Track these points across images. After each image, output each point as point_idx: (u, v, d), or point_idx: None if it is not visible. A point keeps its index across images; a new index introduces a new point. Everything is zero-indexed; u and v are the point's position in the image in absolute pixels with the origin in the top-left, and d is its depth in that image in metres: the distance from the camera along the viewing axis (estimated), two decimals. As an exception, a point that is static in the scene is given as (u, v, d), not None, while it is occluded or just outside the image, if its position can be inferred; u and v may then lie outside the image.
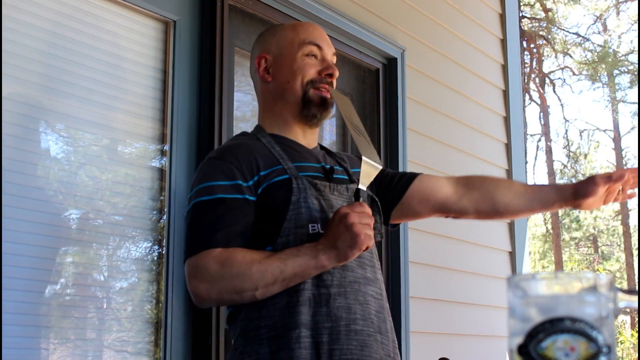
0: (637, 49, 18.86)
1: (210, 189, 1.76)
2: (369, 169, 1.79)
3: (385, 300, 1.88)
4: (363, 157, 1.78)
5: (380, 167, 1.83)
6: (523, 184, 2.16)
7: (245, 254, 1.70)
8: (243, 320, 1.76)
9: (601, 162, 21.03)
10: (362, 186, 1.77)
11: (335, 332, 1.71)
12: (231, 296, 1.73)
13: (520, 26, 13.39)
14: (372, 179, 1.81)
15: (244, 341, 1.75)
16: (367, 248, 1.71)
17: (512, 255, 4.32)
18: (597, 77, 19.86)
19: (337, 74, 1.93)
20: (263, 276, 1.68)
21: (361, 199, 1.76)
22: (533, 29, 18.91)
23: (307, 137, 1.95)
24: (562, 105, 22.07)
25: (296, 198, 1.76)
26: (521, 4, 17.74)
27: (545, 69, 19.78)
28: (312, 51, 1.93)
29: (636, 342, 13.40)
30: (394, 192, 2.04)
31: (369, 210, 1.71)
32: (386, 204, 2.03)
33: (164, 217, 2.60)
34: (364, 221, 1.68)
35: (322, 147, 2.03)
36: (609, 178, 1.97)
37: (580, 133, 20.43)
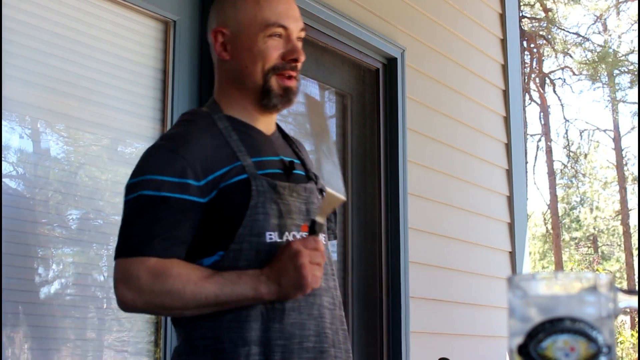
0: (637, 49, 18.86)
1: (156, 183, 1.61)
2: (331, 200, 1.63)
3: (339, 307, 1.77)
4: (327, 189, 1.62)
5: (344, 199, 1.64)
6: None
7: (181, 271, 1.58)
8: (188, 326, 1.66)
9: (601, 162, 21.04)
10: (320, 219, 1.64)
11: (288, 350, 1.62)
12: (158, 310, 1.64)
13: (520, 26, 13.39)
14: (332, 210, 1.67)
15: (188, 349, 1.65)
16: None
17: (512, 255, 4.32)
18: (597, 77, 19.86)
19: (302, 58, 1.74)
20: (195, 298, 1.57)
21: (317, 232, 1.62)
22: (533, 29, 18.91)
23: (266, 122, 1.79)
24: (562, 105, 22.06)
25: (254, 203, 1.63)
26: (521, 4, 17.74)
27: (545, 69, 19.78)
28: (276, 32, 1.73)
29: (636, 342, 13.39)
30: None
31: (322, 247, 1.61)
32: None
33: (164, 217, 2.60)
34: (315, 260, 1.58)
35: (279, 130, 1.88)
36: None
37: (580, 133, 20.43)
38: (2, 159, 2.21)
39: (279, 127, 1.88)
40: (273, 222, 1.65)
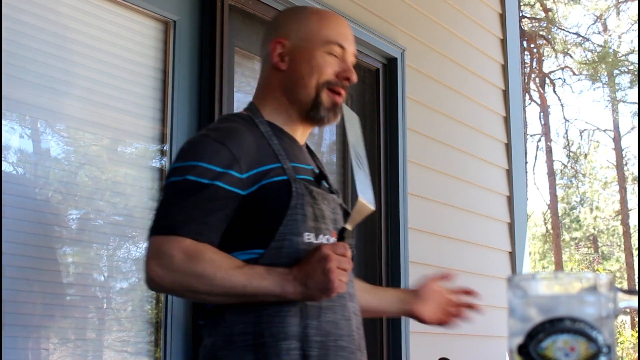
0: (637, 49, 18.86)
1: (202, 170, 1.67)
2: (362, 210, 1.69)
3: (361, 316, 1.85)
4: (359, 198, 1.68)
5: (373, 209, 1.72)
6: (368, 285, 2.09)
7: (214, 257, 1.64)
8: (226, 322, 1.70)
9: (601, 162, 21.04)
10: (349, 226, 1.70)
11: (324, 347, 1.68)
12: (184, 292, 1.68)
13: (520, 26, 13.39)
14: (361, 219, 1.73)
15: (227, 345, 1.68)
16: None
17: (512, 255, 4.32)
18: (597, 77, 19.86)
19: (355, 79, 1.85)
20: (223, 286, 1.62)
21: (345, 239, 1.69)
22: (533, 29, 18.91)
23: (302, 134, 1.89)
24: (562, 105, 22.06)
25: (295, 203, 1.70)
26: (521, 4, 17.75)
27: (545, 69, 19.78)
28: (335, 50, 1.83)
29: (636, 342, 13.40)
30: None
31: (349, 254, 1.66)
32: None
33: (164, 217, 2.60)
34: (342, 266, 1.63)
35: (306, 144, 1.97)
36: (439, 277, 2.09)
37: (580, 133, 20.43)
38: (2, 159, 2.21)
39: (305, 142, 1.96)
40: (310, 224, 1.72)
